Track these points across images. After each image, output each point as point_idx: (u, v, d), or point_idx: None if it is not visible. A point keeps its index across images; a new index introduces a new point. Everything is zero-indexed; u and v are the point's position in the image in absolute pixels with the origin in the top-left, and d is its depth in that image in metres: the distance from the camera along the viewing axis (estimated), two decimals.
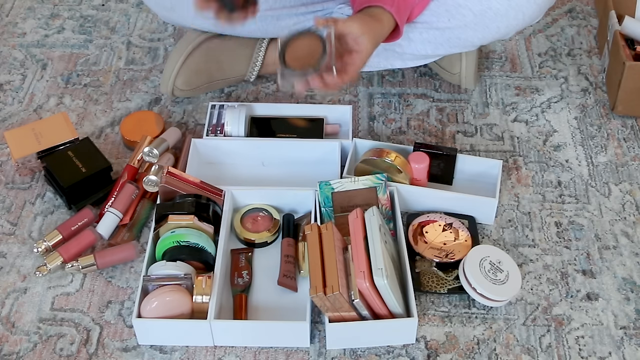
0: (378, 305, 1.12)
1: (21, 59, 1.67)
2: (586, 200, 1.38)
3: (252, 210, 1.32)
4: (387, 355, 1.17)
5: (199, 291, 1.16)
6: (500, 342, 1.18)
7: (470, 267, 1.21)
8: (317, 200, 1.30)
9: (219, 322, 1.15)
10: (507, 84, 1.61)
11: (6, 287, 1.26)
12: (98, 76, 1.63)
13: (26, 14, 1.79)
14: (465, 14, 1.36)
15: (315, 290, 1.09)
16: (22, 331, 1.20)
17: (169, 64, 1.49)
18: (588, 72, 1.63)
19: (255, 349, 1.18)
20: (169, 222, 1.23)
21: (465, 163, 1.39)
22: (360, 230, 1.15)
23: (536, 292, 1.25)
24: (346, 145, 1.40)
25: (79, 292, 1.25)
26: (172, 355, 1.17)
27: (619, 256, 1.30)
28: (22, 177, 1.42)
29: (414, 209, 1.35)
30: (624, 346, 1.18)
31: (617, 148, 1.47)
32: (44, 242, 1.29)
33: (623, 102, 1.50)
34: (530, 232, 1.33)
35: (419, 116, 1.53)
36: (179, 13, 1.49)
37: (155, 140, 1.39)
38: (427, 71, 1.62)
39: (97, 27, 1.75)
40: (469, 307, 1.23)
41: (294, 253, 1.26)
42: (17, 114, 1.55)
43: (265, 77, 1.60)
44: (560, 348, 1.18)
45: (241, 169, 1.42)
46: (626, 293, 1.25)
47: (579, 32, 1.73)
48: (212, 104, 1.47)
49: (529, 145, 1.48)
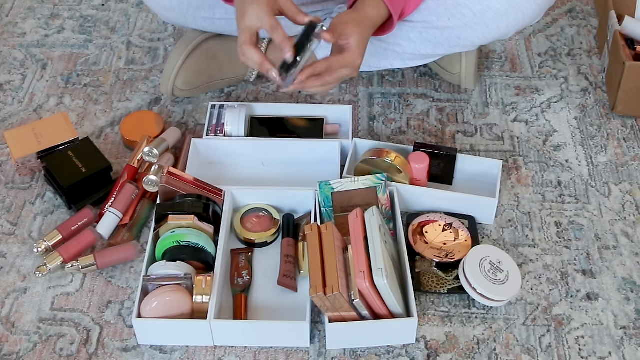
0: (378, 305, 1.12)
1: (21, 59, 1.67)
2: (586, 200, 1.38)
3: (252, 210, 1.32)
4: (387, 355, 1.17)
5: (199, 291, 1.16)
6: (500, 342, 1.18)
7: (470, 267, 1.21)
8: (317, 200, 1.30)
9: (219, 322, 1.15)
10: (507, 84, 1.61)
11: (6, 287, 1.26)
12: (98, 76, 1.63)
13: (26, 14, 1.79)
14: (465, 14, 1.36)
15: (315, 290, 1.09)
16: (22, 331, 1.20)
17: (169, 64, 1.49)
18: (588, 72, 1.63)
19: (255, 349, 1.18)
20: (169, 222, 1.23)
21: (465, 163, 1.39)
22: (360, 230, 1.15)
23: (536, 292, 1.25)
24: (346, 145, 1.40)
25: (79, 292, 1.25)
26: (172, 355, 1.17)
27: (619, 256, 1.30)
28: (22, 177, 1.42)
29: (414, 209, 1.35)
30: (624, 346, 1.18)
31: (617, 148, 1.47)
32: (44, 242, 1.29)
33: (623, 102, 1.50)
34: (530, 232, 1.33)
35: (419, 116, 1.53)
36: (179, 13, 1.49)
37: (155, 140, 1.39)
38: (427, 71, 1.62)
39: (97, 27, 1.75)
40: (469, 307, 1.23)
41: (294, 253, 1.26)
42: (17, 114, 1.55)
43: (265, 77, 1.60)
44: (560, 348, 1.18)
45: (241, 169, 1.42)
46: (626, 293, 1.25)
47: (579, 32, 1.73)
48: (212, 104, 1.47)
49: (529, 145, 1.48)
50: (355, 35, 1.22)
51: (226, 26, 1.49)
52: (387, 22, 1.30)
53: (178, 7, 1.47)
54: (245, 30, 1.20)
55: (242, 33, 1.20)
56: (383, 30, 1.31)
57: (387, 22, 1.30)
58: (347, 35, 1.22)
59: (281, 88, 1.22)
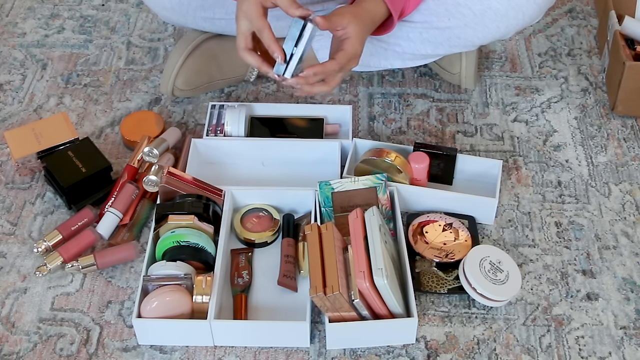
0: (378, 305, 1.12)
1: (21, 59, 1.67)
2: (586, 200, 1.38)
3: (252, 210, 1.32)
4: (387, 355, 1.17)
5: (199, 291, 1.16)
6: (500, 342, 1.18)
7: (470, 267, 1.21)
8: (317, 200, 1.30)
9: (219, 322, 1.15)
10: (507, 84, 1.61)
11: (6, 287, 1.26)
12: (98, 76, 1.63)
13: (26, 14, 1.79)
14: (465, 14, 1.36)
15: (315, 290, 1.09)
16: (22, 331, 1.20)
17: (169, 64, 1.49)
18: (588, 72, 1.63)
19: (255, 349, 1.18)
20: (169, 222, 1.23)
21: (465, 163, 1.39)
22: (360, 230, 1.15)
23: (536, 292, 1.25)
24: (346, 145, 1.40)
25: (79, 292, 1.25)
26: (172, 355, 1.17)
27: (619, 256, 1.30)
28: (22, 177, 1.42)
29: (414, 209, 1.35)
30: (624, 346, 1.18)
31: (617, 148, 1.47)
32: (44, 242, 1.29)
33: (623, 102, 1.50)
34: (530, 232, 1.33)
35: (419, 116, 1.53)
36: (179, 13, 1.49)
37: (155, 140, 1.39)
38: (427, 71, 1.62)
39: (97, 27, 1.75)
40: (469, 307, 1.23)
41: (294, 253, 1.26)
42: (17, 114, 1.55)
43: (265, 77, 1.60)
44: (560, 348, 1.18)
45: (241, 169, 1.42)
46: (626, 293, 1.25)
47: (579, 32, 1.73)
48: (212, 104, 1.47)
49: (529, 145, 1.48)
50: (353, 24, 1.22)
51: (226, 26, 1.49)
52: (387, 21, 1.30)
53: (178, 7, 1.47)
54: (240, 34, 1.23)
55: (238, 37, 1.23)
56: (383, 30, 1.31)
57: (387, 21, 1.30)
58: (343, 25, 1.22)
59: (286, 84, 1.23)
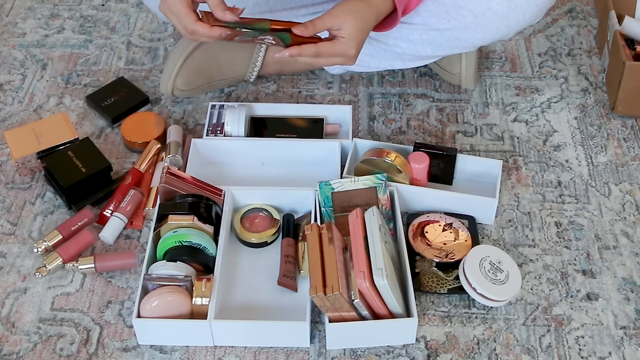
0: (378, 305, 1.12)
1: (21, 59, 1.67)
2: (586, 200, 1.38)
3: (252, 210, 1.32)
4: (387, 355, 1.17)
5: (198, 293, 1.16)
6: (500, 342, 1.18)
7: (470, 267, 1.21)
8: (317, 200, 1.30)
9: (219, 322, 1.15)
10: (507, 84, 1.61)
11: (6, 287, 1.26)
12: (98, 76, 1.63)
13: (26, 14, 1.79)
14: (465, 15, 1.36)
15: (315, 290, 1.09)
16: (22, 331, 1.20)
17: (169, 64, 1.49)
18: (588, 72, 1.63)
19: (255, 349, 1.18)
20: (169, 222, 1.23)
21: (465, 163, 1.39)
22: (360, 230, 1.15)
23: (536, 292, 1.25)
24: (346, 145, 1.40)
25: (79, 292, 1.25)
26: (172, 355, 1.17)
27: (619, 256, 1.30)
28: (22, 177, 1.42)
29: (414, 209, 1.35)
30: (624, 346, 1.18)
31: (617, 148, 1.47)
32: (44, 242, 1.29)
33: (623, 102, 1.50)
34: (530, 232, 1.33)
35: (419, 116, 1.53)
36: None
37: (171, 145, 1.40)
38: (427, 71, 1.62)
39: (97, 27, 1.75)
40: (469, 307, 1.23)
41: (294, 253, 1.26)
42: (17, 114, 1.55)
43: (265, 77, 1.60)
44: (560, 348, 1.18)
45: (241, 169, 1.42)
46: (626, 293, 1.25)
47: (579, 32, 1.73)
48: (212, 104, 1.47)
49: (529, 145, 1.48)
50: (348, 25, 1.21)
51: None
52: (389, 17, 1.29)
53: None
54: (181, 16, 1.17)
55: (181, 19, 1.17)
56: (385, 26, 1.30)
57: (389, 17, 1.29)
58: (338, 25, 1.21)
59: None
